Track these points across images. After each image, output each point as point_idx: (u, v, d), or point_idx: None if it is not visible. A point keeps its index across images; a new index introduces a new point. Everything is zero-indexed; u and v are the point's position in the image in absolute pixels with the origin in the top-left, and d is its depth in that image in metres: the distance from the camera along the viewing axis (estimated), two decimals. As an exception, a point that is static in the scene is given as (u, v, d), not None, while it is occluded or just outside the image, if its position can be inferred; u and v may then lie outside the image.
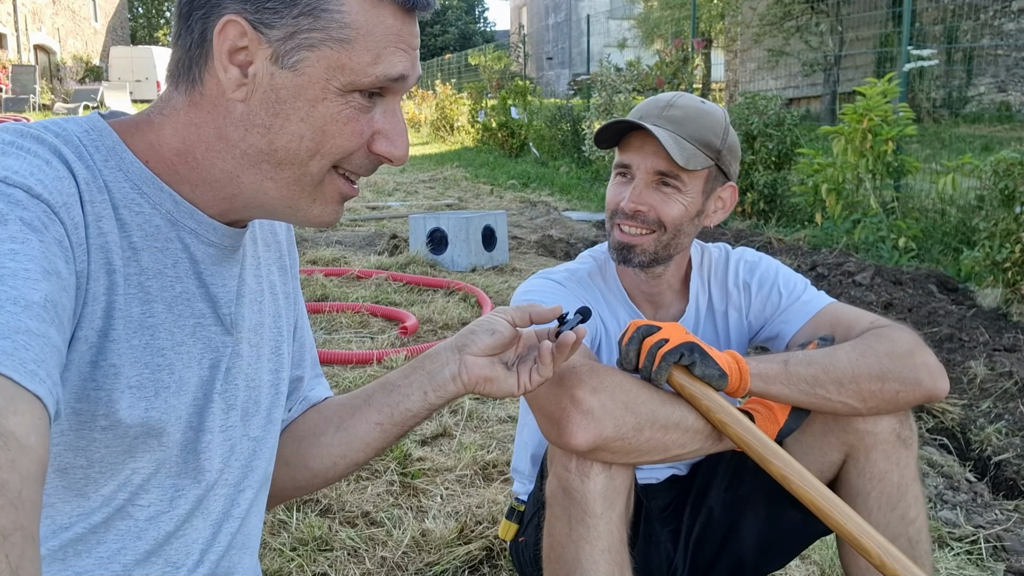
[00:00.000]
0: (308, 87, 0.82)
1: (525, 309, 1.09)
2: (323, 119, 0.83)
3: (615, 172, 1.54)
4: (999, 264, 4.27)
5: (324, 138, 0.83)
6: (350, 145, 0.85)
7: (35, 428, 0.57)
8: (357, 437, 1.09)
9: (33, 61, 26.51)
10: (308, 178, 0.86)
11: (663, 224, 1.47)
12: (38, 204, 0.72)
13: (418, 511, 2.22)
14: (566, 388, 1.25)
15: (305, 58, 0.81)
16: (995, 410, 3.06)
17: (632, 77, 9.71)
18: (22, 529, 0.52)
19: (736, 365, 1.30)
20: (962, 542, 2.17)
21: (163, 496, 0.89)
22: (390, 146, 0.87)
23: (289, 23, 0.80)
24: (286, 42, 0.81)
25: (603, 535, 1.29)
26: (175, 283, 0.87)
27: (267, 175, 0.85)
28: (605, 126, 1.48)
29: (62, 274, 0.71)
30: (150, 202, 0.85)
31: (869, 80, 5.66)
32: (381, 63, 0.82)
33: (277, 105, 0.82)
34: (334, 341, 3.81)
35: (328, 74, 0.81)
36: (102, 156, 0.83)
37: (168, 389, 0.85)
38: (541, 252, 6.28)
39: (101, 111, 0.89)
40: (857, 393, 1.34)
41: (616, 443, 1.25)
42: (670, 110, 1.47)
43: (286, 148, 0.84)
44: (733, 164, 1.54)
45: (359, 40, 0.81)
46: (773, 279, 1.59)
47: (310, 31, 0.80)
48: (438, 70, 25.77)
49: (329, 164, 0.86)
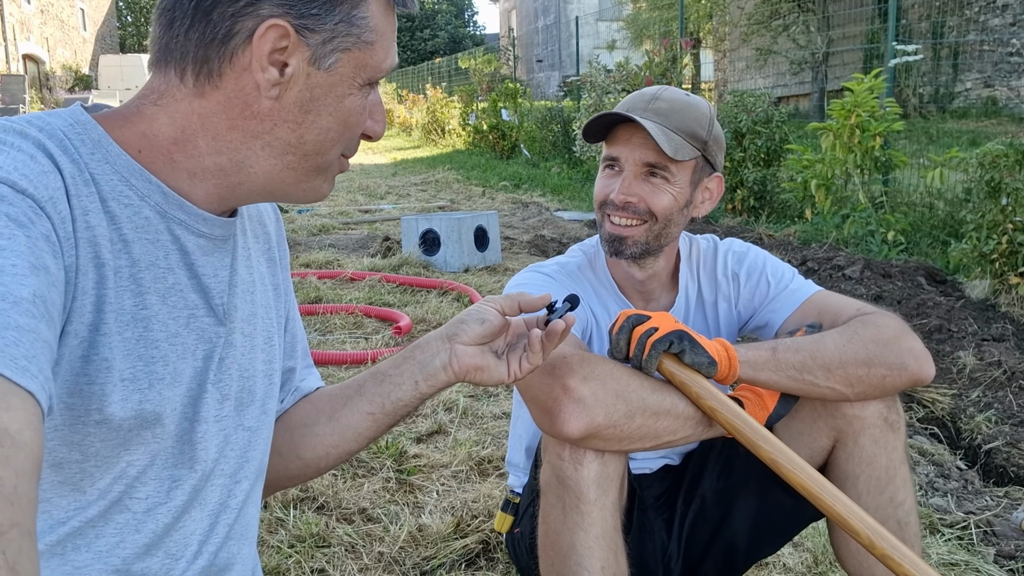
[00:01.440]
0: (338, 85, 0.88)
1: (514, 298, 1.10)
2: (348, 112, 0.90)
3: (603, 165, 1.55)
4: (986, 255, 4.31)
5: (346, 129, 0.91)
6: (360, 132, 0.94)
7: (29, 424, 0.57)
8: (349, 427, 1.10)
9: (22, 71, 26.40)
10: (326, 164, 0.93)
11: (654, 214, 1.49)
12: (24, 199, 0.71)
13: (414, 507, 2.23)
14: (558, 377, 1.26)
15: (339, 59, 0.87)
16: (984, 399, 3.09)
17: (621, 78, 9.73)
18: (18, 525, 0.52)
19: (725, 353, 1.32)
20: (953, 528, 2.20)
21: (160, 488, 0.89)
22: (376, 124, 0.95)
23: (329, 28, 0.85)
24: (324, 46, 0.86)
25: (597, 521, 1.31)
26: (167, 274, 0.87)
27: (289, 165, 0.91)
28: (593, 119, 1.50)
29: (50, 269, 0.71)
30: (138, 194, 0.85)
31: (856, 76, 5.70)
32: (389, 58, 0.92)
33: (311, 103, 0.88)
34: (328, 342, 3.82)
35: (355, 72, 0.88)
36: (88, 149, 0.82)
37: (163, 380, 0.85)
38: (533, 252, 6.30)
39: (84, 104, 0.89)
40: (844, 378, 1.36)
41: (608, 430, 1.27)
42: (656, 103, 1.49)
43: (315, 141, 0.90)
44: (719, 155, 1.56)
45: (379, 41, 0.89)
46: (761, 268, 1.61)
47: (346, 36, 0.86)
48: (428, 74, 25.78)
49: (341, 150, 0.94)
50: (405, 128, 21.26)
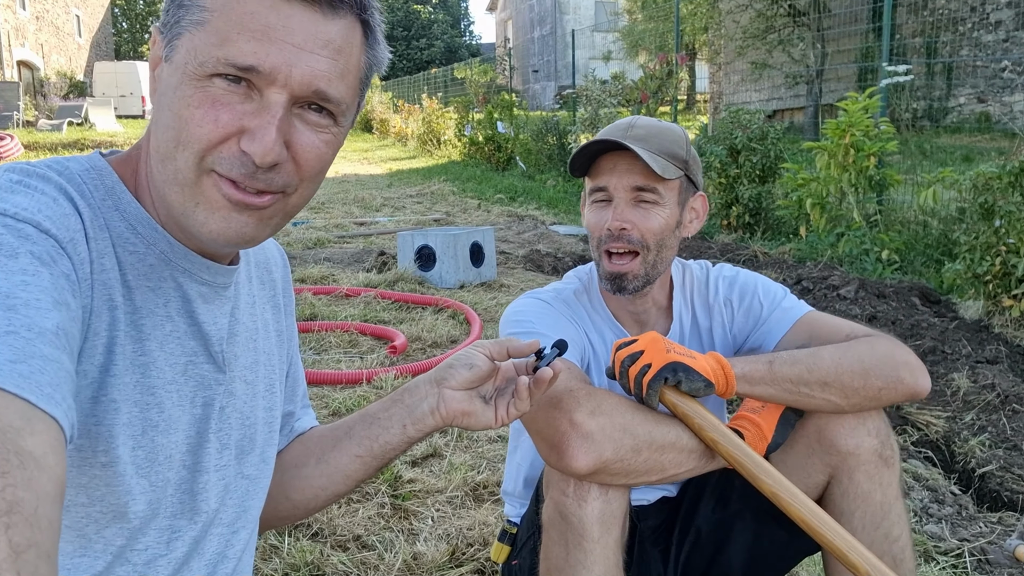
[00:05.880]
0: (173, 74, 0.80)
1: (503, 343, 1.10)
2: (179, 104, 0.79)
3: (591, 199, 1.56)
4: (980, 277, 4.33)
5: (181, 124, 0.79)
6: (203, 132, 0.78)
7: (52, 448, 0.58)
8: (338, 470, 1.11)
9: (16, 77, 26.39)
10: (181, 175, 0.80)
11: (646, 243, 1.50)
12: (47, 239, 0.73)
13: (409, 534, 2.22)
14: (565, 412, 1.27)
15: (176, 47, 0.80)
16: (978, 422, 3.10)
17: (617, 91, 9.78)
18: (36, 546, 0.52)
19: (722, 370, 1.34)
20: (947, 556, 2.20)
21: (160, 539, 0.89)
22: (248, 141, 0.79)
23: (170, 16, 0.80)
24: (167, 35, 0.81)
25: (600, 560, 1.31)
26: (166, 322, 0.87)
27: (160, 177, 0.83)
28: (577, 153, 1.52)
29: (71, 306, 0.72)
30: (144, 242, 0.86)
31: (850, 95, 5.73)
32: (224, 47, 0.77)
33: (159, 98, 0.82)
34: (323, 361, 3.81)
35: (186, 58, 0.78)
36: (100, 195, 0.84)
37: (156, 428, 0.85)
38: (529, 267, 6.30)
39: (102, 149, 0.90)
40: (841, 391, 1.37)
41: (615, 465, 1.27)
42: (633, 130, 1.51)
43: (159, 140, 0.81)
44: (699, 174, 1.59)
45: (212, 22, 0.77)
46: (753, 290, 1.62)
47: (177, 20, 0.79)
48: (424, 84, 25.85)
49: (194, 157, 0.79)
50: (400, 138, 21.28)
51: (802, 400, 1.37)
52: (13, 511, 0.51)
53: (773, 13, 15.18)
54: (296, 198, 0.86)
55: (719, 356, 1.36)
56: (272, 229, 0.87)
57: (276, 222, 0.86)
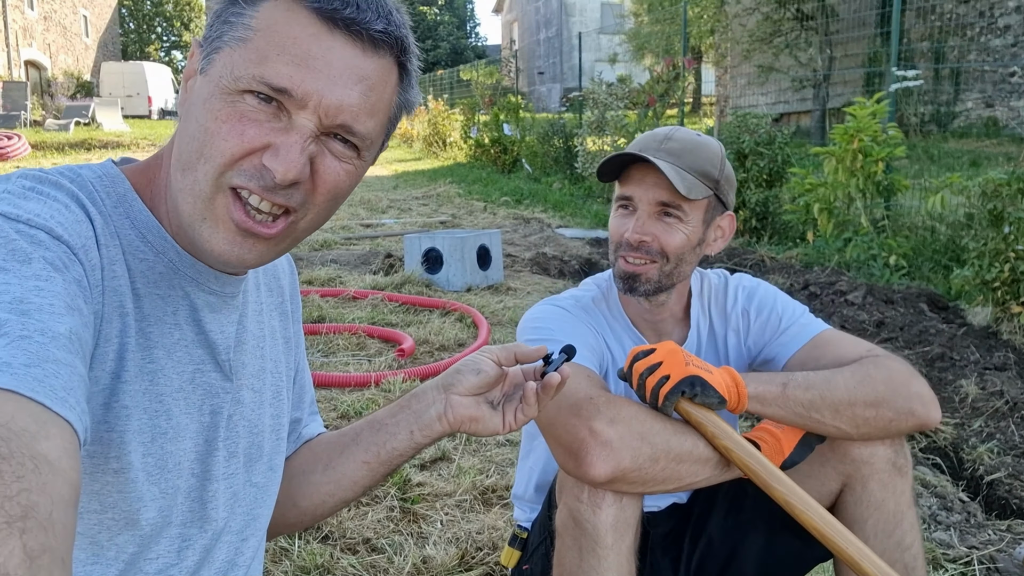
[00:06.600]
0: (207, 85, 0.81)
1: (511, 348, 1.10)
2: (207, 116, 0.80)
3: (617, 205, 1.57)
4: (988, 283, 4.33)
5: (206, 137, 0.79)
6: (227, 147, 0.79)
7: (66, 452, 0.58)
8: (345, 476, 1.11)
9: (24, 77, 26.48)
10: (198, 187, 0.81)
11: (665, 254, 1.51)
12: (59, 245, 0.74)
13: (419, 537, 2.23)
14: (584, 419, 1.27)
15: (214, 61, 0.81)
16: (987, 429, 3.10)
17: (624, 94, 9.79)
18: (51, 551, 0.51)
19: (736, 388, 1.34)
20: (956, 563, 2.20)
21: (171, 547, 0.89)
22: (272, 156, 0.79)
23: (213, 31, 0.82)
24: (207, 48, 0.82)
25: (613, 566, 1.31)
26: (174, 330, 0.88)
27: (177, 186, 0.83)
28: (606, 160, 1.52)
29: (83, 311, 0.72)
30: (154, 250, 0.86)
31: (858, 100, 5.73)
32: (262, 65, 0.78)
33: (188, 108, 0.83)
34: (332, 363, 3.82)
35: (222, 71, 0.80)
36: (112, 203, 0.84)
37: (165, 435, 0.86)
38: (535, 270, 6.31)
39: (114, 158, 0.91)
40: (852, 419, 1.37)
41: (633, 473, 1.28)
42: (668, 143, 1.50)
43: (182, 150, 0.82)
44: (730, 193, 1.58)
45: (254, 41, 0.79)
46: (772, 305, 1.62)
47: (220, 35, 0.81)
48: (430, 85, 25.87)
49: (215, 171, 0.80)
50: (406, 140, 21.31)
51: (811, 425, 1.38)
52: (28, 516, 0.51)
53: (780, 17, 15.17)
54: (305, 223, 0.86)
55: (734, 372, 1.36)
56: (276, 255, 0.88)
57: (282, 248, 0.87)
